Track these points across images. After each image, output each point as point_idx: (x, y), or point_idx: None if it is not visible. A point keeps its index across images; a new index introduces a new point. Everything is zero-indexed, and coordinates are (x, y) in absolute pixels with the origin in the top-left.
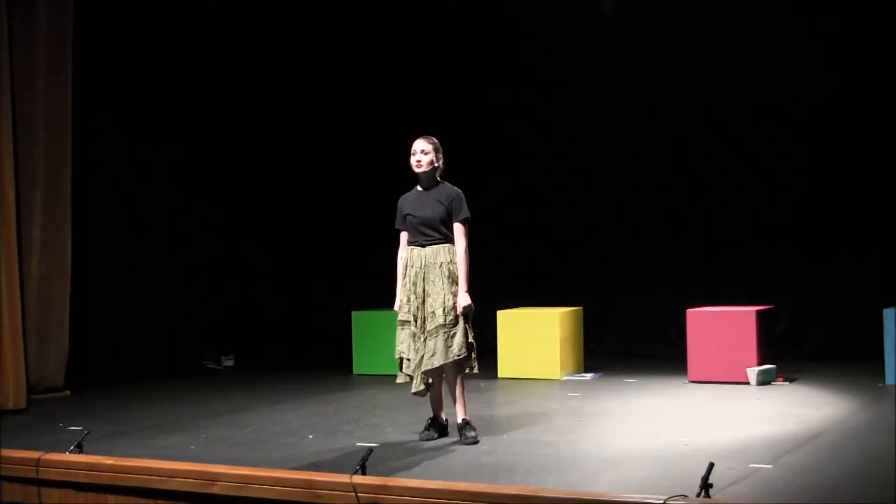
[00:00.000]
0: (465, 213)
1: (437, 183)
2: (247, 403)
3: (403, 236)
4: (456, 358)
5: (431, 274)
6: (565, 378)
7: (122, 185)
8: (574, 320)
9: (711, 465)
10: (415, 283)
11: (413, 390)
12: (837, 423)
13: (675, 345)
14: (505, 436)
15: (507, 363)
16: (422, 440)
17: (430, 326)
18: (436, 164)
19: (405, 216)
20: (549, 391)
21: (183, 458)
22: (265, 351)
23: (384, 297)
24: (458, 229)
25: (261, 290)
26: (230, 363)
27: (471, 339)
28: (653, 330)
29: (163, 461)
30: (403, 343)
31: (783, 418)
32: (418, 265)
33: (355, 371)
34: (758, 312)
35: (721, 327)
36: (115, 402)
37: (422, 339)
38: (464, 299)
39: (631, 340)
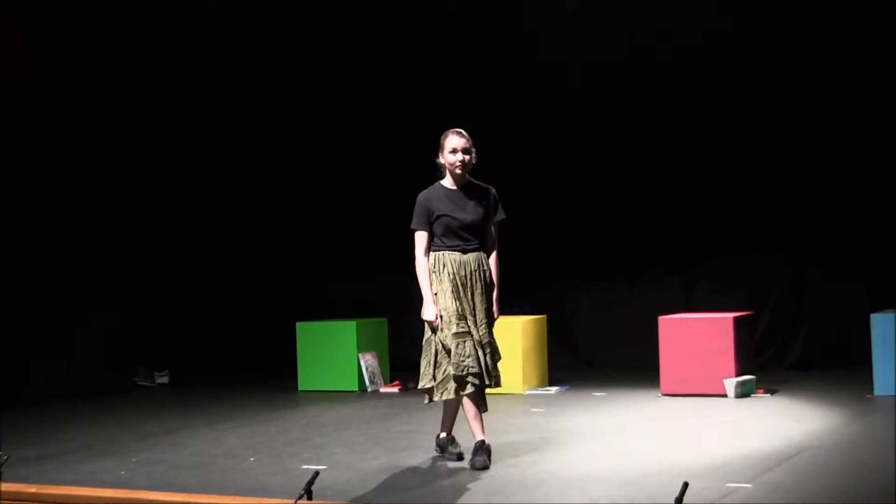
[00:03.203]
0: (503, 214)
1: (469, 181)
2: (183, 423)
3: (423, 237)
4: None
5: (478, 283)
6: (528, 392)
7: (51, 198)
8: (538, 329)
9: (686, 485)
10: (464, 293)
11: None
12: (822, 438)
13: (646, 355)
14: (466, 456)
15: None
16: (450, 459)
17: (483, 340)
18: (473, 162)
19: (438, 217)
20: (511, 406)
21: (114, 483)
22: (202, 366)
23: (330, 305)
24: (495, 231)
25: (196, 299)
26: (164, 380)
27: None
28: (623, 339)
29: (91, 488)
30: (471, 356)
31: (763, 433)
32: (462, 273)
33: (300, 387)
34: (735, 319)
35: (696, 336)
36: (40, 423)
37: (484, 355)
38: (497, 308)
39: (599, 350)
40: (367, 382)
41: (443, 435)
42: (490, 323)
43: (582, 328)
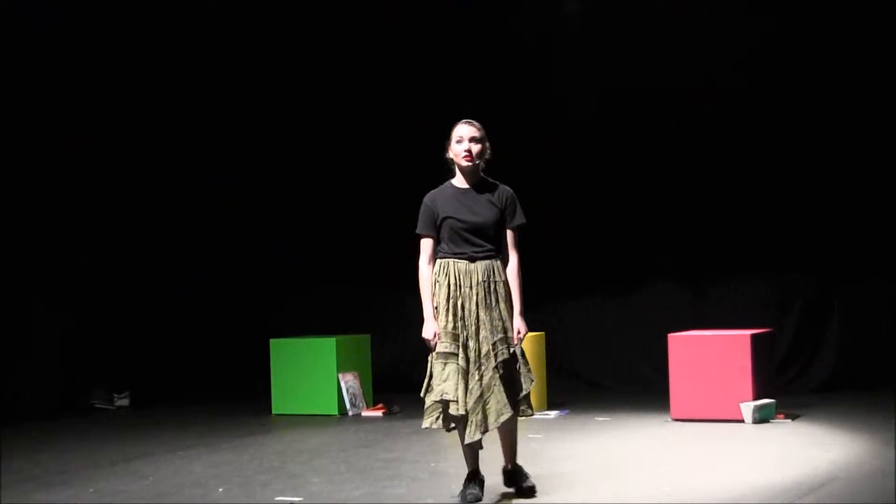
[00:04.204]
0: (523, 217)
1: (482, 179)
2: (144, 450)
3: (428, 245)
4: (525, 395)
5: (487, 296)
6: None
7: (9, 203)
8: (536, 348)
9: None
10: (463, 307)
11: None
12: (849, 469)
13: (655, 376)
14: (454, 487)
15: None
16: (468, 503)
17: (494, 362)
18: (485, 155)
19: (443, 220)
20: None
21: None
22: (166, 387)
23: (308, 320)
24: (513, 238)
25: (160, 313)
26: (124, 402)
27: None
28: (629, 358)
29: None
30: (449, 381)
31: (784, 463)
32: (467, 284)
33: (274, 410)
34: (753, 337)
35: (710, 355)
36: None
37: (479, 378)
38: (524, 325)
39: (603, 371)
40: (348, 405)
41: (469, 471)
42: (506, 340)
43: (584, 346)
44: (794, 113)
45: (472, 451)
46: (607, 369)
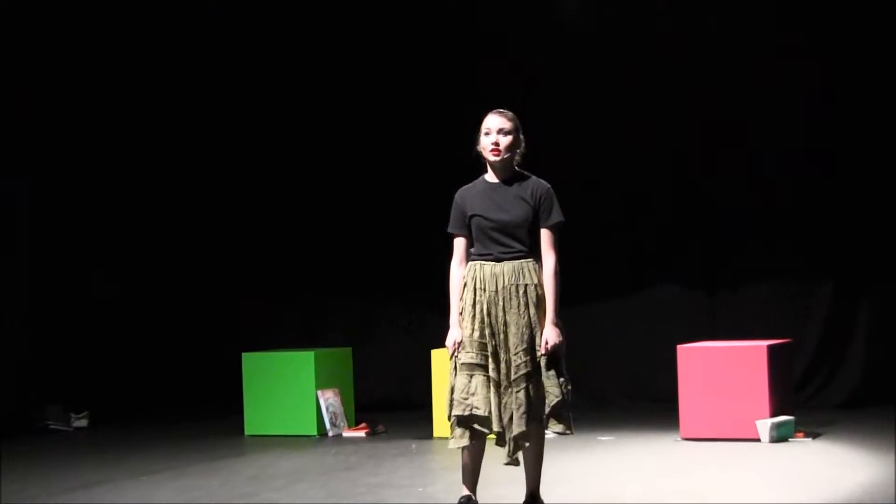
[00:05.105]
0: (560, 215)
1: (517, 173)
2: (105, 475)
3: (460, 244)
4: (551, 412)
5: (513, 300)
6: None
7: None
8: None
9: None
10: (489, 313)
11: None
12: (876, 492)
13: (663, 391)
14: None
15: (445, 417)
16: None
17: (517, 373)
18: (518, 149)
19: (471, 217)
20: (499, 453)
21: None
22: (128, 406)
23: (284, 332)
24: (548, 238)
25: (121, 324)
26: (83, 423)
27: (568, 387)
28: (635, 371)
29: None
30: (478, 395)
31: (804, 485)
32: (493, 287)
33: (247, 431)
34: (770, 348)
35: (723, 368)
36: None
37: (510, 391)
38: (555, 334)
39: (607, 385)
40: (328, 425)
41: (464, 494)
42: (531, 350)
43: (585, 358)
44: (808, 110)
45: (473, 472)
46: (611, 384)
